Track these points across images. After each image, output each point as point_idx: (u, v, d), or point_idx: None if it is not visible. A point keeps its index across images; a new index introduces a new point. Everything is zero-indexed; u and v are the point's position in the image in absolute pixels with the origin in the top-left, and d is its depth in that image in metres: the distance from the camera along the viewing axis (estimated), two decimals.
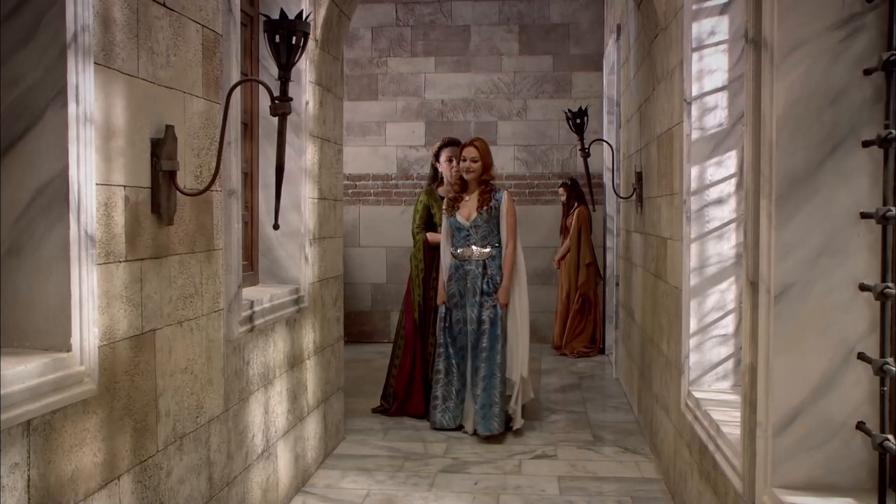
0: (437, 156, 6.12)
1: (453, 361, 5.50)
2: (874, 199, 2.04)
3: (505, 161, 9.19)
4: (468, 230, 5.45)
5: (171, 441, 2.84)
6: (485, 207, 5.42)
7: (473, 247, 5.44)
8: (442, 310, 5.53)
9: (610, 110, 8.14)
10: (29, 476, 2.08)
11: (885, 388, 1.91)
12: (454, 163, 5.89)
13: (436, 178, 6.13)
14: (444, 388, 5.49)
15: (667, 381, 4.31)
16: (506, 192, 5.51)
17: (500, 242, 5.46)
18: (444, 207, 5.61)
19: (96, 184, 2.37)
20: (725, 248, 3.59)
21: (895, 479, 2.05)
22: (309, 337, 4.52)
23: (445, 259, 5.58)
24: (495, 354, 5.32)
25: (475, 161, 5.48)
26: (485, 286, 5.40)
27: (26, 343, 2.28)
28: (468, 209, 5.48)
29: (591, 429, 5.58)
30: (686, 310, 3.65)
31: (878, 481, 1.93)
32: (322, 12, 4.58)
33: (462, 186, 5.55)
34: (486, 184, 5.50)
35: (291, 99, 2.93)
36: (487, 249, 5.42)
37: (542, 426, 5.67)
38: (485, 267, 5.42)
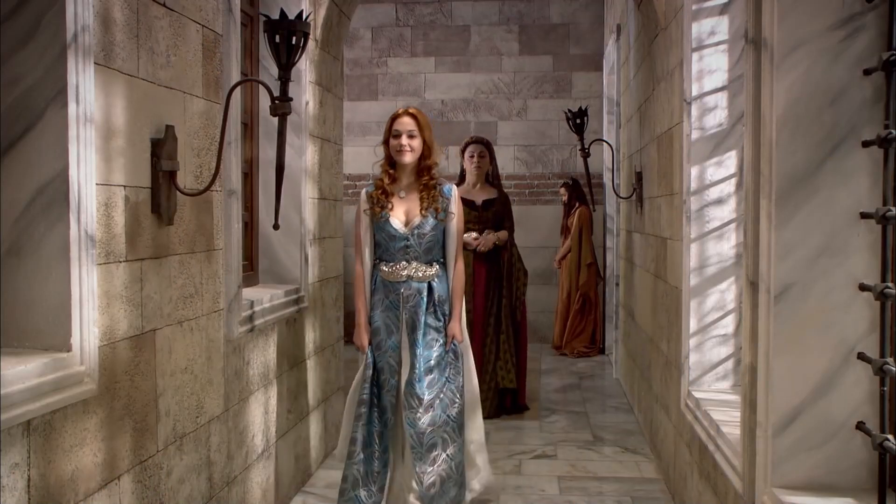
0: (462, 153, 6.09)
1: (375, 429, 3.72)
2: (874, 199, 2.04)
3: (505, 161, 9.18)
4: (406, 239, 3.71)
5: (171, 441, 2.84)
6: (432, 208, 3.71)
7: (414, 263, 3.73)
8: (368, 355, 3.74)
9: (610, 110, 8.14)
10: (29, 476, 2.08)
11: (885, 388, 1.91)
12: (475, 158, 5.86)
13: (463, 179, 6.06)
14: (360, 467, 3.68)
15: (667, 381, 4.31)
16: (454, 186, 3.85)
17: (444, 256, 3.82)
18: (368, 206, 3.78)
19: (96, 184, 2.37)
20: (725, 248, 3.59)
21: (895, 479, 2.05)
22: (309, 337, 4.52)
23: (365, 280, 3.80)
24: (448, 412, 3.67)
25: (412, 136, 3.70)
26: (430, 318, 3.72)
27: (26, 343, 2.28)
28: (407, 209, 3.75)
29: (591, 429, 5.58)
30: (686, 310, 3.65)
31: (878, 481, 1.93)
32: (322, 12, 4.58)
33: (392, 175, 3.77)
34: (428, 173, 3.76)
35: (291, 99, 2.93)
36: (434, 268, 3.77)
37: (542, 426, 5.67)
38: (430, 291, 3.73)
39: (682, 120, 3.76)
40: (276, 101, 2.86)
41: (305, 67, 4.32)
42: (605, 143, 7.54)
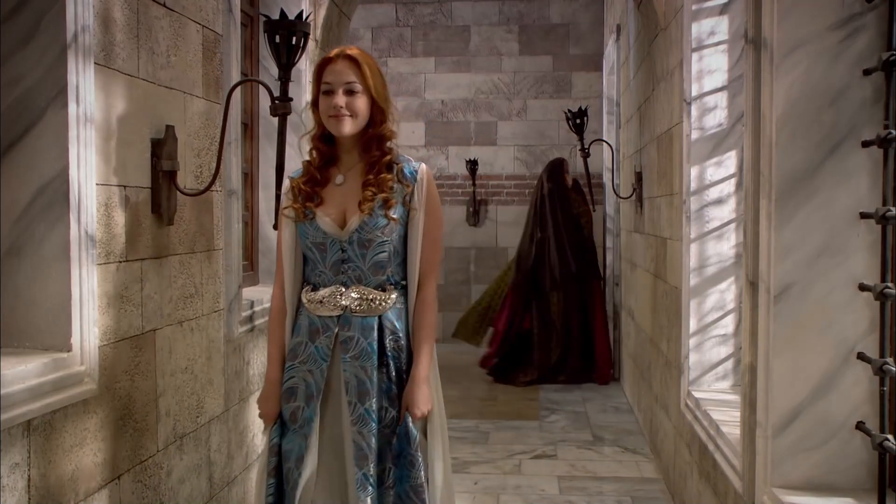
0: None
1: None
2: (874, 199, 2.04)
3: (505, 161, 9.19)
4: (342, 249, 2.39)
5: (171, 441, 2.85)
6: (381, 199, 2.37)
7: (356, 288, 2.39)
8: (273, 434, 2.44)
9: (610, 110, 8.14)
10: (29, 476, 2.08)
11: (885, 388, 1.92)
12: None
13: None
14: None
15: (667, 380, 4.31)
16: (424, 166, 2.47)
17: (405, 275, 2.45)
18: (288, 202, 2.47)
19: (96, 184, 2.37)
20: (725, 248, 3.59)
21: (895, 479, 2.05)
22: None
23: (286, 313, 2.48)
24: None
25: (352, 92, 2.36)
26: (378, 376, 2.38)
27: (26, 343, 2.28)
28: (344, 203, 2.41)
29: (591, 429, 5.58)
30: (686, 310, 3.65)
31: (878, 481, 1.93)
32: (322, 12, 4.59)
33: (326, 152, 2.45)
34: (378, 146, 2.42)
35: (291, 99, 2.93)
36: (389, 295, 2.42)
37: (542, 426, 5.67)
38: (380, 331, 2.40)
39: (682, 120, 3.76)
40: (276, 101, 2.86)
41: (305, 67, 4.32)
42: (605, 143, 7.54)
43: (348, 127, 2.36)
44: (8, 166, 2.26)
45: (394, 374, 2.41)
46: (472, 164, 9.07)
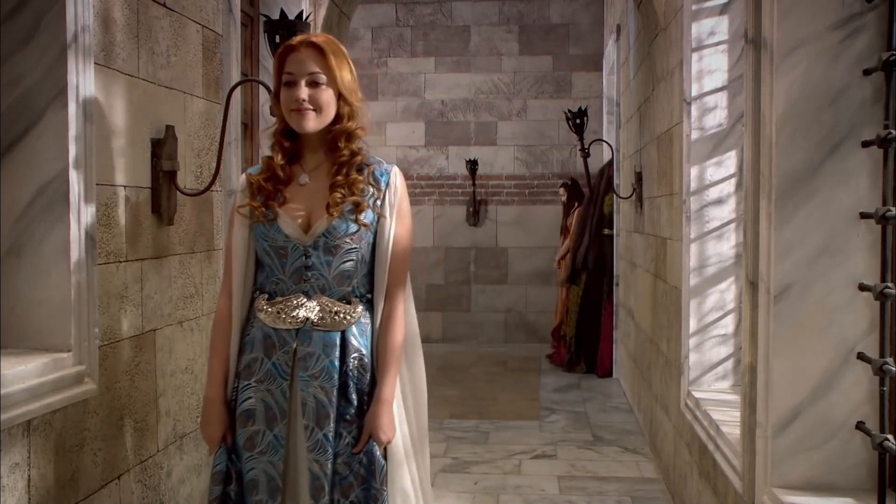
0: None
1: None
2: (874, 199, 2.04)
3: (505, 161, 9.19)
4: (305, 255, 2.16)
5: (171, 441, 2.85)
6: (350, 202, 2.15)
7: (318, 299, 2.16)
8: (220, 458, 2.17)
9: (610, 110, 8.14)
10: (29, 476, 2.08)
11: (885, 388, 1.92)
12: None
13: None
14: None
15: (666, 380, 4.31)
16: (396, 168, 2.29)
17: (370, 288, 2.22)
18: (244, 200, 2.22)
19: (96, 184, 2.37)
20: (725, 248, 3.59)
21: (895, 479, 2.05)
22: None
23: (233, 325, 2.21)
24: None
25: (316, 83, 2.14)
26: (338, 400, 2.14)
27: (26, 343, 2.28)
28: (308, 205, 2.19)
29: (591, 429, 5.58)
30: (686, 310, 3.66)
31: (878, 481, 1.93)
32: (322, 12, 4.59)
33: (289, 149, 2.22)
34: (346, 143, 2.19)
35: None
36: (354, 309, 2.19)
37: (542, 426, 5.67)
38: (343, 348, 2.16)
39: (682, 120, 3.76)
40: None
41: None
42: (604, 143, 7.54)
43: (312, 122, 2.14)
44: (8, 166, 2.26)
45: (354, 396, 2.13)
46: (472, 164, 9.08)
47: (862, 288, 2.03)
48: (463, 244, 9.22)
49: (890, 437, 1.88)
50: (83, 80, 2.28)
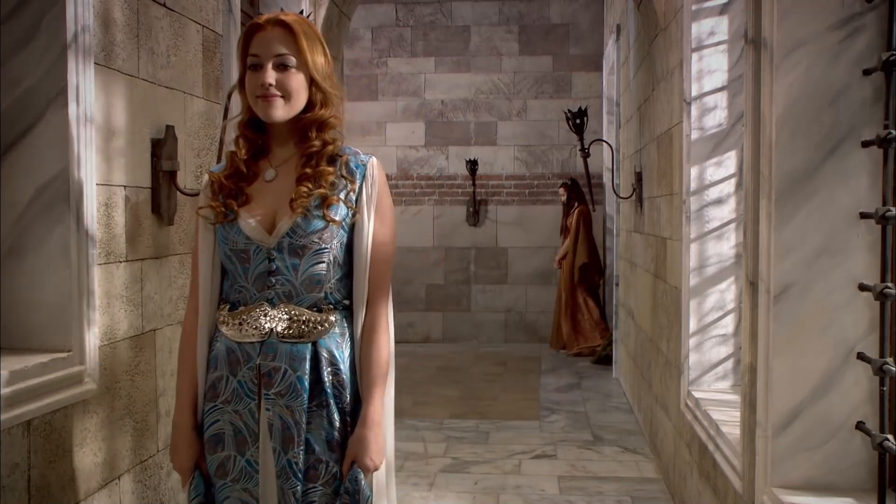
0: None
1: None
2: (874, 199, 2.04)
3: (505, 161, 9.19)
4: (269, 259, 1.93)
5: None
6: (318, 193, 1.92)
7: (284, 308, 1.93)
8: (193, 493, 1.99)
9: (610, 110, 8.14)
10: (29, 476, 2.08)
11: (885, 388, 1.92)
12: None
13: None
14: None
15: (666, 380, 4.32)
16: (374, 159, 2.06)
17: (348, 294, 1.99)
18: (206, 200, 2.01)
19: (96, 184, 2.37)
20: (725, 248, 3.59)
21: (895, 479, 2.05)
22: None
23: (198, 340, 2.00)
24: None
25: (285, 66, 1.90)
26: (315, 420, 1.92)
27: (26, 343, 2.28)
28: (273, 202, 1.96)
29: (591, 429, 5.59)
30: (686, 310, 3.66)
31: (878, 481, 1.93)
32: (322, 12, 4.59)
33: (255, 141, 2.00)
34: (318, 133, 1.96)
35: None
36: (326, 317, 1.94)
37: (542, 426, 5.67)
38: (314, 361, 1.92)
39: (682, 120, 3.76)
40: None
41: None
42: (604, 143, 7.54)
43: (279, 111, 1.90)
44: (8, 166, 2.27)
45: (336, 416, 1.90)
46: (472, 164, 9.08)
47: (862, 288, 2.03)
48: (463, 244, 9.22)
49: (890, 437, 1.88)
50: (83, 80, 2.28)
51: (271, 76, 1.88)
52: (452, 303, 9.22)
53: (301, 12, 3.02)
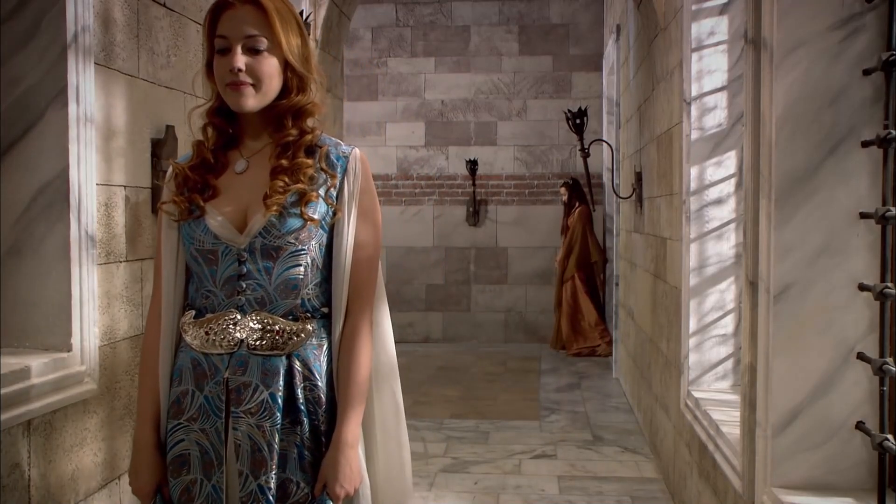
0: None
1: None
2: (874, 199, 2.04)
3: (505, 161, 9.20)
4: (239, 258, 1.72)
5: None
6: (296, 188, 1.71)
7: (256, 315, 1.72)
8: None
9: (610, 110, 8.14)
10: (29, 476, 2.08)
11: (885, 388, 1.92)
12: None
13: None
14: None
15: (666, 380, 4.32)
16: (358, 150, 1.84)
17: (327, 301, 1.79)
18: (170, 195, 1.81)
19: (97, 184, 2.37)
20: (725, 248, 3.59)
21: (895, 479, 2.05)
22: None
23: (161, 350, 1.79)
24: None
25: (256, 50, 1.69)
26: (287, 439, 1.72)
27: (27, 343, 2.28)
28: (244, 197, 1.75)
29: (591, 429, 5.59)
30: (685, 309, 3.66)
31: (878, 481, 1.93)
32: (322, 12, 4.59)
33: (224, 130, 1.82)
34: (295, 122, 1.77)
35: None
36: (303, 326, 1.74)
37: (542, 426, 5.67)
38: (288, 376, 1.72)
39: (682, 120, 3.76)
40: None
41: None
42: (604, 144, 7.54)
43: (251, 100, 1.71)
44: (8, 166, 2.27)
45: (307, 434, 1.72)
46: (472, 164, 9.08)
47: (862, 288, 2.03)
48: (463, 244, 9.22)
49: (890, 437, 1.88)
50: (83, 80, 2.28)
51: (240, 61, 1.68)
52: (452, 303, 9.22)
53: (301, 12, 3.02)
